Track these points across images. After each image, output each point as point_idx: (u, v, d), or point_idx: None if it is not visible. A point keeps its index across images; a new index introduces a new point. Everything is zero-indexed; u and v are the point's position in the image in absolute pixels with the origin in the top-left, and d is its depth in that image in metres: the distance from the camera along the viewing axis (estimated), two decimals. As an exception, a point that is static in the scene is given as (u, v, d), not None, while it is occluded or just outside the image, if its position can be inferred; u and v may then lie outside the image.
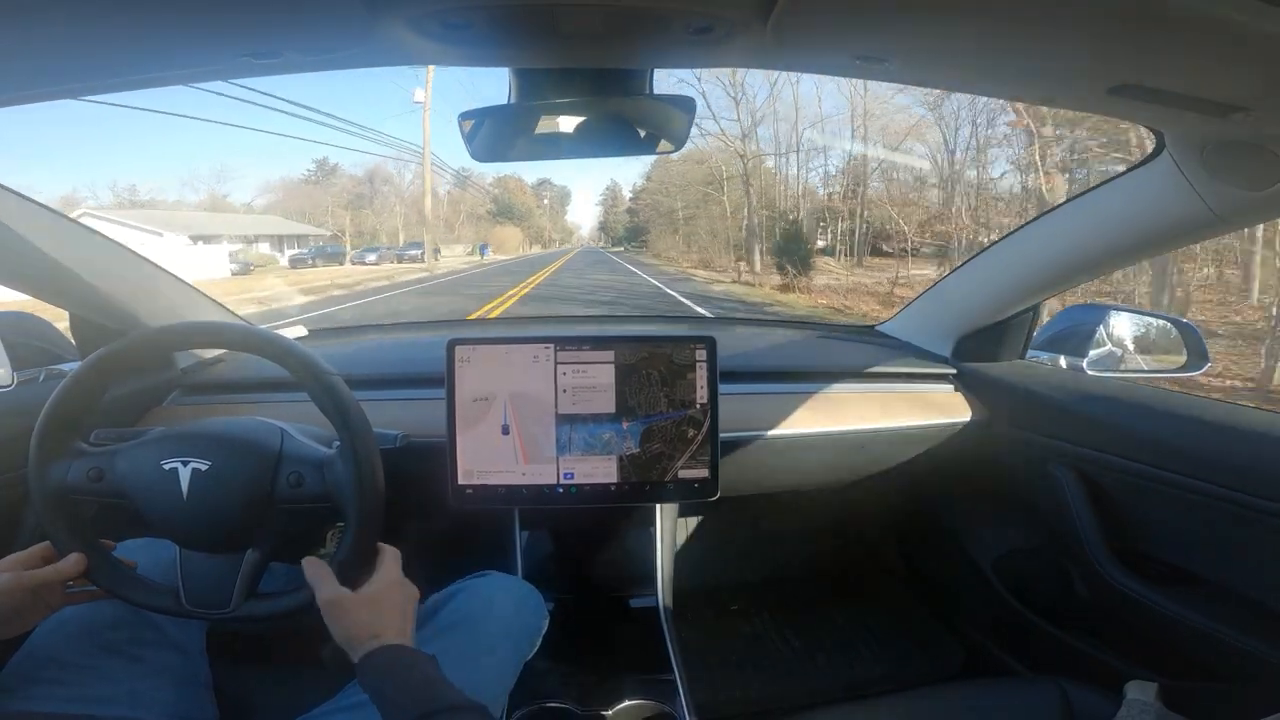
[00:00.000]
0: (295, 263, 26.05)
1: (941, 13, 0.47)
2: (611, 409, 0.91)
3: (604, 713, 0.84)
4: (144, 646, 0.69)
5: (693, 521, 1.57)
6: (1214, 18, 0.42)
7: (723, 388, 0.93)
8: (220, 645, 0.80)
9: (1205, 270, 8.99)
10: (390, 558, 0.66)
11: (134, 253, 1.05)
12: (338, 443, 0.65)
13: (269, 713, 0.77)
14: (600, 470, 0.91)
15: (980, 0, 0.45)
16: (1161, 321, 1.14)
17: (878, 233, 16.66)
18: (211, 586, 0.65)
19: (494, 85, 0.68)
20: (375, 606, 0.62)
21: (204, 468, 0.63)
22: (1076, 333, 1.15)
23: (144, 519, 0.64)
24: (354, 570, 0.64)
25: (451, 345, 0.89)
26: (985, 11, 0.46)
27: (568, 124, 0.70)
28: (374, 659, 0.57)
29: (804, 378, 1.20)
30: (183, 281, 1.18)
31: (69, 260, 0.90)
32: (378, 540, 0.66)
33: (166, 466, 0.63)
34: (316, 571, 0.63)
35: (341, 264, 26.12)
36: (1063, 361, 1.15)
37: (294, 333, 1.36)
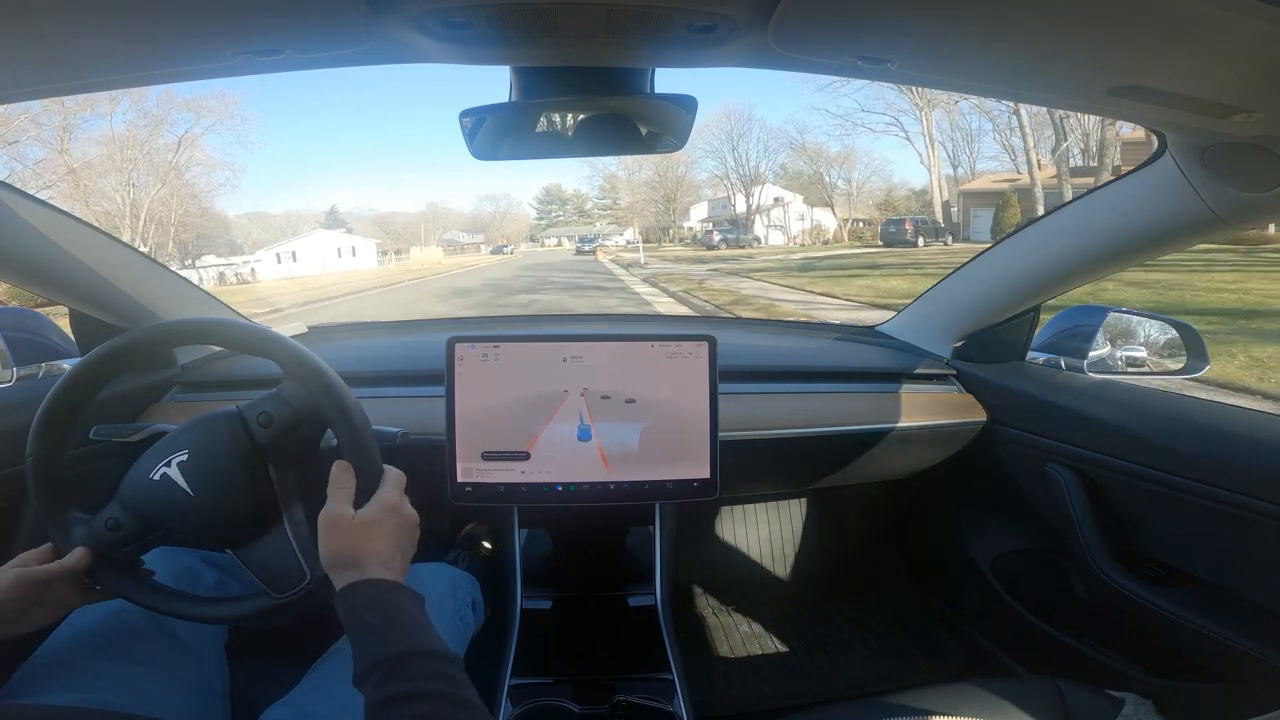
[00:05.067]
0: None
1: (943, 14, 0.47)
2: (611, 408, 0.91)
3: (602, 711, 0.84)
4: (159, 653, 0.69)
5: (692, 521, 1.57)
6: (1215, 18, 0.42)
7: (723, 388, 0.93)
8: (237, 648, 0.80)
9: None
10: (391, 482, 0.62)
11: (132, 249, 1.05)
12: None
13: None
14: (599, 469, 0.91)
15: (981, 2, 0.45)
16: (1161, 323, 1.14)
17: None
18: (282, 568, 0.64)
19: (494, 84, 0.71)
20: (357, 534, 0.57)
21: (185, 458, 0.63)
22: (1076, 334, 1.15)
23: (184, 539, 0.65)
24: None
25: (451, 343, 0.89)
26: (986, 13, 0.46)
27: (569, 122, 0.70)
28: (347, 594, 0.54)
29: (804, 378, 1.20)
30: (182, 279, 1.17)
31: (69, 256, 0.90)
32: (374, 459, 0.63)
33: (156, 476, 0.63)
34: (339, 479, 0.60)
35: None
36: (1062, 363, 1.15)
37: (293, 330, 1.36)
